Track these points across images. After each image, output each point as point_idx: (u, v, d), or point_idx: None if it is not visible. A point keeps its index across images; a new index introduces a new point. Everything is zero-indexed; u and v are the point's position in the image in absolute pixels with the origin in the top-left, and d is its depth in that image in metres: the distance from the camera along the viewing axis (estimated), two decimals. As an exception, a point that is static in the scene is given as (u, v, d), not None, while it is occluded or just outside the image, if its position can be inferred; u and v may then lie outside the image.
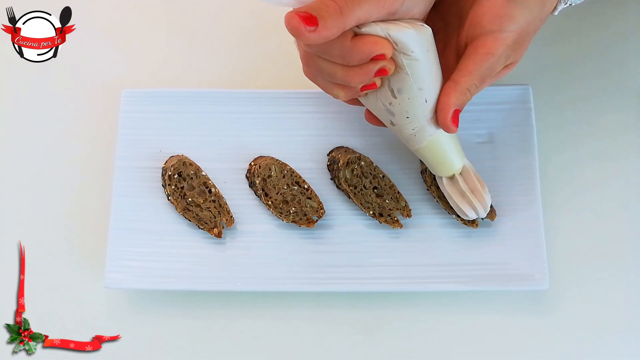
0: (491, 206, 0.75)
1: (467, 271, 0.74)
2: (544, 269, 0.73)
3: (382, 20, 0.59)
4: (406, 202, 0.77)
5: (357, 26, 0.58)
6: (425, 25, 0.62)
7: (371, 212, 0.76)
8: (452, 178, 0.73)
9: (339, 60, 0.60)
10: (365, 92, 0.64)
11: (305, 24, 0.53)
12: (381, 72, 0.60)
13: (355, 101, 0.69)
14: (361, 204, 0.76)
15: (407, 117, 0.65)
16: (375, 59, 0.59)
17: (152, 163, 0.78)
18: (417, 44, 0.60)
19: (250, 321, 0.77)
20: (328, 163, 0.79)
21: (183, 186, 0.77)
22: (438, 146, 0.69)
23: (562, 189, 0.80)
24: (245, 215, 0.78)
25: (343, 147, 0.79)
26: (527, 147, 0.77)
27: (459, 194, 0.73)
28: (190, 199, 0.77)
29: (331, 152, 0.79)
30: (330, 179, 0.79)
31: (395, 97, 0.64)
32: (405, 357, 0.76)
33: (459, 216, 0.75)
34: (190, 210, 0.76)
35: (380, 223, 0.76)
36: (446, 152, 0.70)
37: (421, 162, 0.78)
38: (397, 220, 0.76)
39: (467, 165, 0.73)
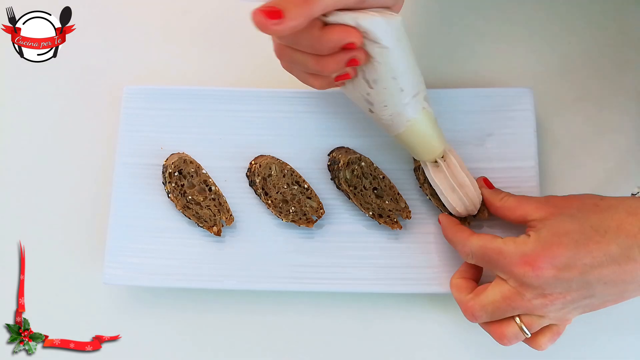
0: (483, 204, 0.75)
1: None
2: None
3: (351, 9, 0.59)
4: (406, 204, 0.76)
5: (325, 15, 0.58)
6: (395, 14, 0.62)
7: (371, 213, 0.76)
8: (436, 165, 0.74)
9: (309, 50, 0.60)
10: (341, 82, 0.65)
11: (268, 18, 0.54)
12: (352, 62, 0.61)
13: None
14: (361, 205, 0.76)
15: (385, 106, 0.66)
16: (345, 47, 0.59)
17: (152, 160, 0.78)
18: (386, 32, 0.60)
19: (248, 320, 0.77)
20: (328, 163, 0.79)
21: (183, 184, 0.77)
22: (417, 131, 0.69)
23: (562, 193, 0.79)
24: (245, 214, 0.78)
25: (344, 147, 0.79)
26: (528, 150, 0.77)
27: (450, 189, 0.73)
28: (190, 197, 0.77)
29: (332, 152, 0.79)
30: (331, 179, 0.78)
31: (372, 88, 0.64)
32: (403, 358, 0.76)
33: (451, 214, 0.75)
34: (190, 208, 0.76)
35: (380, 224, 0.76)
36: (425, 137, 0.70)
37: (414, 159, 0.78)
38: (397, 222, 0.76)
39: (448, 152, 0.73)
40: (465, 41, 0.85)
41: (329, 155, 0.79)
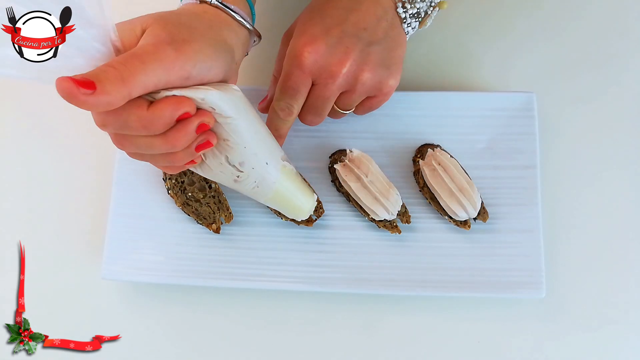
0: (483, 207, 0.76)
1: (465, 277, 0.74)
2: (542, 277, 0.73)
3: (180, 88, 0.54)
4: (406, 208, 0.76)
5: (153, 94, 0.52)
6: (234, 86, 0.59)
7: (370, 217, 0.75)
8: (433, 170, 0.75)
9: (143, 132, 0.53)
10: (201, 154, 0.59)
11: (78, 86, 0.47)
12: (202, 127, 0.55)
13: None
14: (361, 207, 0.75)
15: (255, 183, 0.64)
16: (182, 118, 0.53)
17: (153, 156, 0.78)
18: (228, 104, 0.56)
19: (246, 318, 0.77)
20: (329, 165, 0.79)
21: (183, 180, 0.77)
22: (286, 189, 0.67)
23: (562, 196, 0.80)
24: (244, 212, 0.78)
25: (345, 150, 0.79)
26: (529, 154, 0.78)
27: (448, 192, 0.73)
28: (190, 194, 0.76)
29: (333, 154, 0.79)
30: (331, 181, 0.78)
31: (242, 171, 0.61)
32: (403, 358, 0.76)
33: (451, 217, 0.75)
34: (189, 205, 0.76)
35: (379, 228, 0.76)
36: (296, 192, 0.69)
37: (413, 163, 0.78)
38: (396, 226, 0.76)
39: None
40: (466, 43, 0.85)
41: (330, 157, 0.79)
